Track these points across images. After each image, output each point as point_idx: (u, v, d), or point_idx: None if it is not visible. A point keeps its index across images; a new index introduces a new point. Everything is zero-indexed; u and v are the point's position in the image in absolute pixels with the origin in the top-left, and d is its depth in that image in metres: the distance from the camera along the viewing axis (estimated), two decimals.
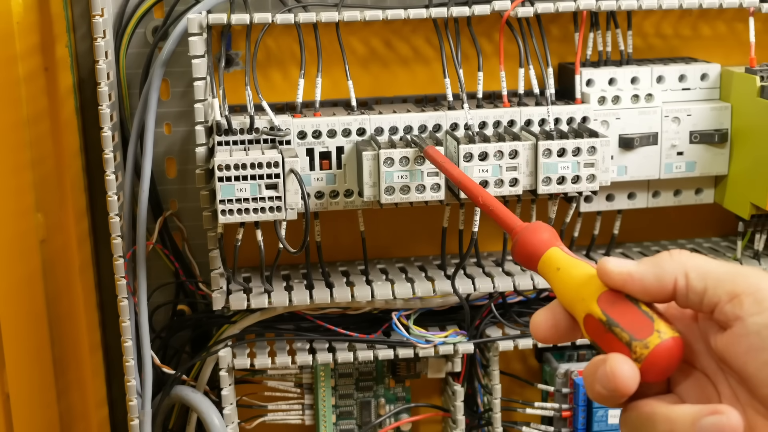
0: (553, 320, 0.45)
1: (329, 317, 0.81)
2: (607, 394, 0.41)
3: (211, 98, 0.72)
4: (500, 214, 0.53)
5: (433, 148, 0.69)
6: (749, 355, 0.40)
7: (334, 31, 0.74)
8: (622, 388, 0.41)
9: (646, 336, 0.41)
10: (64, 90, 0.77)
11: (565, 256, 0.46)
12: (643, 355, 0.41)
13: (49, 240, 0.78)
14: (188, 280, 0.83)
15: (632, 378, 0.41)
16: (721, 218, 0.87)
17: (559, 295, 0.45)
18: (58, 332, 0.80)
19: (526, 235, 0.48)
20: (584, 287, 0.44)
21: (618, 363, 0.41)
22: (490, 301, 0.81)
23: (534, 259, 0.47)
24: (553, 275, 0.46)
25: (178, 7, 0.78)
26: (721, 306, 0.41)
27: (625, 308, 0.43)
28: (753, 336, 0.40)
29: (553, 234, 0.48)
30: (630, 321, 0.42)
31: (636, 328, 0.42)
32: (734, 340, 0.40)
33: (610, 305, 0.43)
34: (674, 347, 0.41)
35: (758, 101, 0.76)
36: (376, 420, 0.86)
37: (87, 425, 0.83)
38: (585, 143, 0.73)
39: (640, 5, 0.75)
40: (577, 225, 0.82)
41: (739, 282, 0.41)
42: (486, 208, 0.56)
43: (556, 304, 0.46)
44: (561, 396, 0.83)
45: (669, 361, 0.41)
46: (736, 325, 0.40)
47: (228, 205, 0.69)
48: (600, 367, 0.41)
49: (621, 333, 0.42)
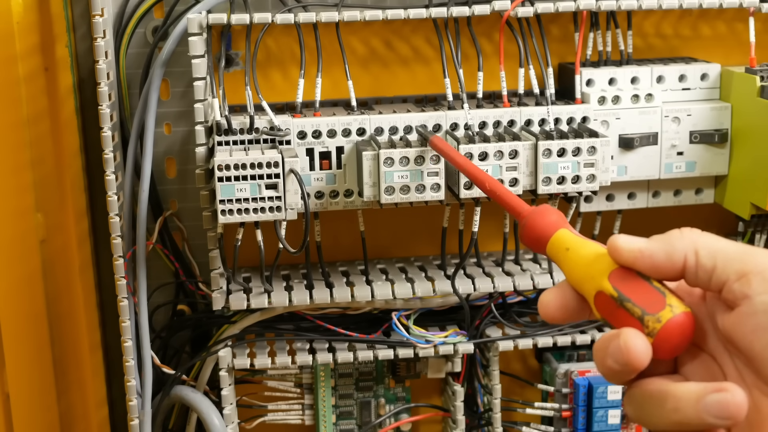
0: (562, 299, 0.45)
1: (329, 317, 0.81)
2: (618, 368, 0.41)
3: (211, 98, 0.72)
4: (507, 199, 0.53)
5: (438, 138, 0.70)
6: (756, 334, 0.40)
7: (334, 31, 0.74)
8: (635, 362, 0.41)
9: (658, 310, 0.41)
10: (64, 90, 0.77)
11: (574, 237, 0.46)
12: (655, 329, 0.41)
13: (49, 240, 0.78)
14: (188, 280, 0.83)
15: (645, 352, 0.41)
16: (721, 218, 0.87)
17: (569, 275, 0.45)
18: (58, 332, 0.80)
19: (535, 218, 0.48)
20: (594, 265, 0.44)
21: (631, 336, 0.41)
22: (490, 301, 0.81)
23: (543, 241, 0.47)
24: (563, 255, 0.46)
25: (178, 7, 0.78)
26: (730, 284, 0.41)
27: (636, 284, 0.42)
28: (760, 315, 0.40)
29: (561, 216, 0.48)
30: (642, 296, 0.42)
31: (648, 303, 0.41)
32: (741, 319, 0.40)
33: (621, 281, 0.43)
34: (686, 322, 0.41)
35: (758, 101, 0.76)
36: (376, 420, 0.86)
37: (87, 425, 0.83)
38: (585, 143, 0.73)
39: (640, 5, 0.75)
40: (577, 225, 0.82)
41: (747, 261, 0.41)
42: (493, 194, 0.56)
43: (564, 284, 0.46)
44: (561, 396, 0.84)
45: (681, 336, 0.41)
46: (743, 304, 0.40)
47: (228, 205, 0.69)
48: (612, 341, 0.41)
49: (633, 308, 0.42)
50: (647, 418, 0.42)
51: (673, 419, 0.40)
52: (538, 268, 0.81)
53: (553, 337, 0.81)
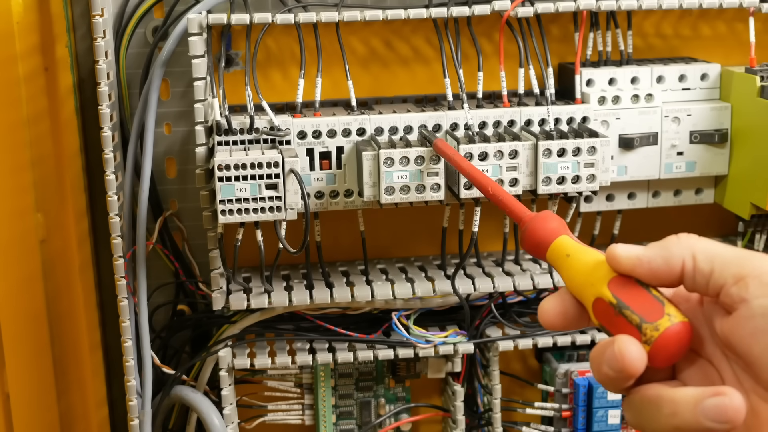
0: (561, 306, 0.45)
1: (329, 317, 0.81)
2: (614, 375, 0.41)
3: (211, 98, 0.72)
4: (509, 204, 0.53)
5: (442, 141, 0.70)
6: (754, 338, 0.40)
7: (334, 31, 0.74)
8: (629, 369, 0.41)
9: (656, 319, 0.41)
10: (64, 90, 0.77)
11: (574, 244, 0.46)
12: (653, 337, 0.41)
13: (49, 240, 0.78)
14: (188, 280, 0.83)
15: (640, 359, 0.41)
16: (721, 218, 0.87)
17: (568, 282, 0.45)
18: (58, 332, 0.80)
19: (536, 224, 0.48)
20: (594, 272, 0.44)
21: (626, 343, 0.41)
22: (490, 301, 0.81)
23: (543, 247, 0.48)
24: (563, 262, 0.46)
25: (178, 7, 0.78)
26: (727, 288, 0.41)
27: (635, 292, 0.42)
28: (758, 318, 0.39)
29: (562, 223, 0.48)
30: (640, 304, 0.42)
31: (646, 311, 0.41)
32: (739, 323, 0.40)
33: (620, 289, 0.43)
34: (684, 331, 0.41)
35: (758, 101, 0.76)
36: (376, 420, 0.86)
37: (87, 425, 0.83)
38: (585, 143, 0.73)
39: (640, 5, 0.75)
40: (577, 225, 0.82)
41: (744, 265, 0.41)
42: (495, 199, 0.56)
43: (564, 291, 0.46)
44: (561, 396, 0.84)
45: (678, 345, 0.41)
46: (741, 308, 0.40)
47: (228, 205, 0.69)
48: (608, 348, 0.41)
49: (631, 315, 0.42)
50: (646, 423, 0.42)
51: (671, 424, 0.40)
52: (538, 268, 0.81)
53: (553, 337, 0.81)
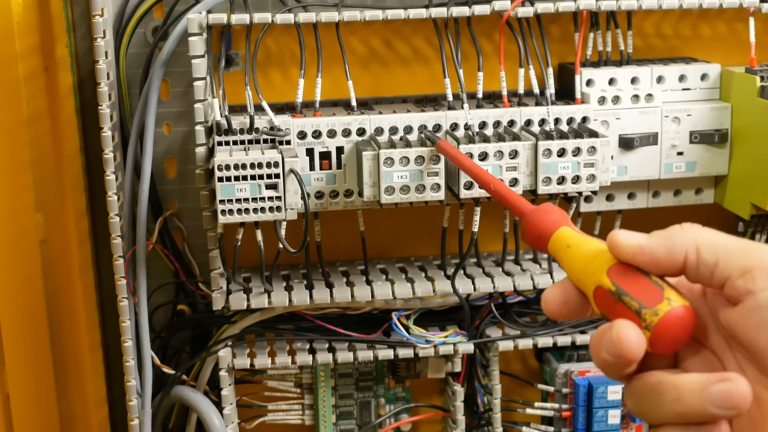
0: (563, 296, 0.45)
1: (329, 317, 0.81)
2: (612, 360, 0.41)
3: (211, 98, 0.72)
4: (511, 199, 0.54)
5: (445, 141, 0.70)
6: (761, 330, 0.40)
7: (334, 31, 0.74)
8: (627, 353, 0.40)
9: (655, 303, 0.41)
10: (64, 90, 0.77)
11: (575, 234, 0.47)
12: (652, 322, 0.40)
13: (49, 240, 0.78)
14: (188, 280, 0.83)
15: (638, 343, 0.40)
16: (721, 218, 0.87)
17: (569, 271, 0.45)
18: (58, 332, 0.80)
19: (537, 215, 0.48)
20: (594, 261, 0.44)
21: (624, 328, 0.41)
22: (490, 301, 0.81)
23: (544, 238, 0.48)
24: (564, 252, 0.46)
25: (178, 7, 0.78)
26: (732, 280, 0.40)
27: (635, 278, 0.42)
28: (765, 310, 0.39)
29: (563, 214, 0.48)
30: (640, 290, 0.42)
31: (646, 297, 0.41)
32: (745, 315, 0.40)
33: (619, 276, 0.43)
34: (685, 316, 0.41)
35: (758, 101, 0.76)
36: (376, 420, 0.86)
37: (87, 425, 0.83)
38: (585, 143, 0.73)
39: (640, 5, 0.75)
40: (577, 225, 0.82)
41: (750, 256, 0.40)
42: (498, 195, 0.57)
43: (566, 281, 0.46)
44: (561, 396, 0.84)
45: (679, 330, 0.41)
46: (747, 300, 0.40)
47: (228, 205, 0.69)
48: (606, 333, 0.41)
49: (630, 302, 0.42)
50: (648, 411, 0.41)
51: (675, 410, 0.40)
52: (538, 268, 0.81)
53: (553, 337, 0.81)
